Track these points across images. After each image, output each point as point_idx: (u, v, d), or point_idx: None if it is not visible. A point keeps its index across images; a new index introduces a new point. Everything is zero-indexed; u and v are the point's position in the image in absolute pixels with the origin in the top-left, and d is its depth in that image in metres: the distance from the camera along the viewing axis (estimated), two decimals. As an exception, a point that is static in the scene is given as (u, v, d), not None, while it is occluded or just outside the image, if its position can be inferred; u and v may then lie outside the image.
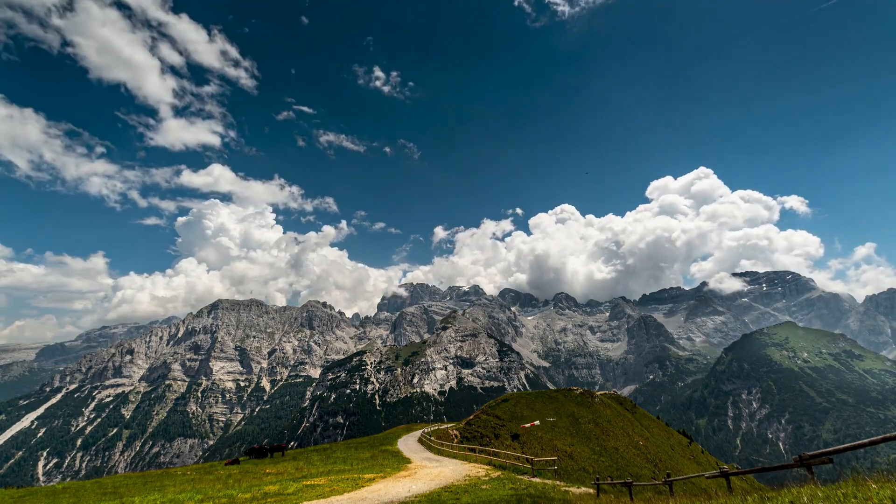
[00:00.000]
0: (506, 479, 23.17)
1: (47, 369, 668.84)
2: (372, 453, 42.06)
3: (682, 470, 73.51)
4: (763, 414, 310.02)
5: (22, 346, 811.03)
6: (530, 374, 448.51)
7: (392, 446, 48.43)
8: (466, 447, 42.51)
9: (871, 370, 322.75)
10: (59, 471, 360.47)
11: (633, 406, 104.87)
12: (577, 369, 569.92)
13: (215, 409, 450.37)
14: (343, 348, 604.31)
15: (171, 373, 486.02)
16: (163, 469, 43.02)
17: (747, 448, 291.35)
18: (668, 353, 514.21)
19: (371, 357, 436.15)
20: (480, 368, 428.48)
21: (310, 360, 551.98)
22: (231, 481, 28.13)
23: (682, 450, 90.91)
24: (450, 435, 53.76)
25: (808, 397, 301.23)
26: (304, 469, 32.50)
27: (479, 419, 64.04)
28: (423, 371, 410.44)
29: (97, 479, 36.33)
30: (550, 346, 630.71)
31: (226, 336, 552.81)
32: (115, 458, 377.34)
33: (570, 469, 49.84)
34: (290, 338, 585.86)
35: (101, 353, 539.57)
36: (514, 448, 51.23)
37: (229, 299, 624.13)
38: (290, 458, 46.30)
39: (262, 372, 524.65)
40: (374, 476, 24.80)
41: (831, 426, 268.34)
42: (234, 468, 36.53)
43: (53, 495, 26.59)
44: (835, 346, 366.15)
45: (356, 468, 30.47)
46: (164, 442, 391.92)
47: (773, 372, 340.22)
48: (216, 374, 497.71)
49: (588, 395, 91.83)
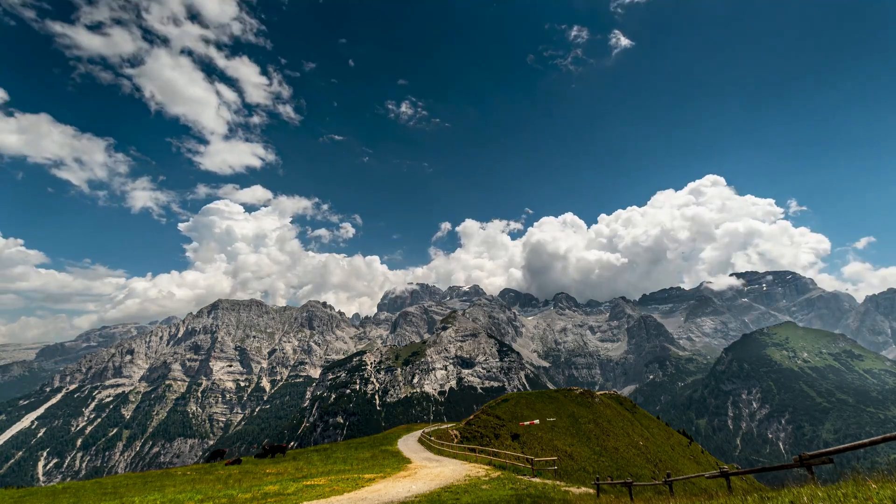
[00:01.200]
0: (506, 479, 23.16)
1: (47, 369, 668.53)
2: (372, 453, 42.05)
3: (682, 470, 73.50)
4: (763, 414, 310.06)
5: (22, 346, 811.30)
6: (530, 374, 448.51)
7: (392, 446, 48.41)
8: (466, 447, 42.50)
9: (871, 370, 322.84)
10: (59, 471, 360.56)
11: (633, 406, 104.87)
12: (577, 369, 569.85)
13: (215, 409, 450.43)
14: (343, 348, 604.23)
15: (171, 373, 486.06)
16: (163, 469, 43.02)
17: (747, 448, 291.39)
18: (668, 353, 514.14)
19: (371, 357, 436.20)
20: (480, 368, 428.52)
21: (310, 360, 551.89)
22: (231, 481, 28.13)
23: (682, 450, 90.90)
24: (450, 435, 53.75)
25: (808, 397, 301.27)
26: (304, 469, 32.50)
27: (479, 419, 64.03)
28: (423, 371, 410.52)
29: (97, 479, 36.32)
30: (550, 346, 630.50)
31: (226, 336, 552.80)
32: (115, 458, 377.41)
33: (570, 469, 49.83)
34: (290, 338, 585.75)
35: (101, 353, 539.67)
36: (514, 448, 51.23)
37: (229, 299, 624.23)
38: (290, 458, 46.29)
39: (262, 372, 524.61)
40: (374, 476, 24.80)
41: (831, 426, 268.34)
42: (234, 468, 36.52)
43: (53, 495, 26.58)
44: (835, 346, 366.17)
45: (356, 468, 30.47)
46: (164, 442, 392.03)
47: (773, 372, 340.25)
48: (216, 374, 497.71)
49: (588, 395, 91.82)
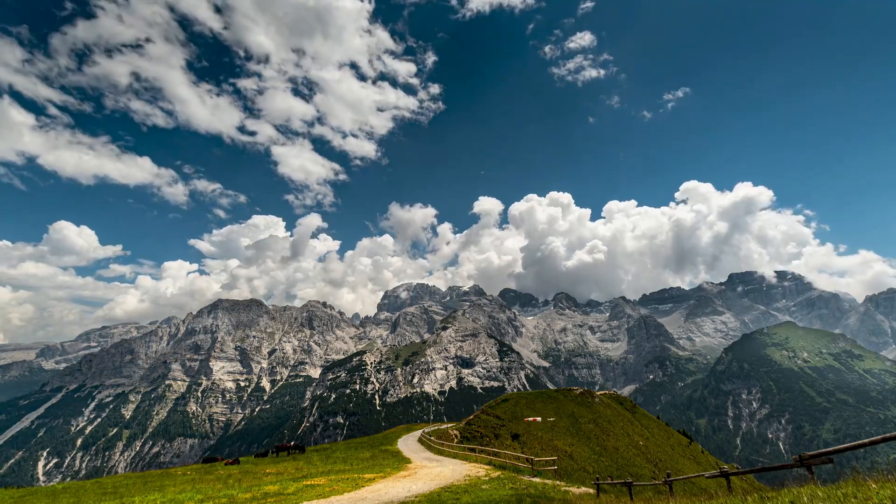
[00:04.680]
0: (506, 479, 23.15)
1: (47, 369, 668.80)
2: (372, 453, 42.07)
3: (682, 470, 73.50)
4: (763, 414, 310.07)
5: (22, 346, 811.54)
6: (530, 374, 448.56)
7: (392, 446, 48.44)
8: (466, 447, 42.49)
9: (871, 370, 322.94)
10: (59, 471, 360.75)
11: (633, 406, 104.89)
12: (577, 369, 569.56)
13: (215, 409, 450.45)
14: (343, 348, 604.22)
15: (171, 373, 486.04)
16: (163, 469, 43.03)
17: (747, 448, 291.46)
18: (668, 353, 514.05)
19: (371, 357, 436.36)
20: (480, 368, 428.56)
21: (310, 360, 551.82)
22: (231, 481, 28.14)
23: (682, 450, 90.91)
24: (450, 435, 53.75)
25: (808, 397, 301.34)
26: (304, 469, 32.52)
27: (479, 419, 64.04)
28: (423, 371, 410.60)
29: (97, 479, 36.33)
30: (550, 346, 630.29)
31: (226, 336, 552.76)
32: (115, 458, 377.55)
33: (570, 469, 49.83)
34: (290, 338, 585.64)
35: (102, 353, 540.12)
36: (514, 448, 51.22)
37: (229, 299, 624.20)
38: (291, 458, 46.37)
39: (262, 372, 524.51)
40: (374, 476, 24.80)
41: (831, 426, 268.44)
42: (234, 468, 36.53)
43: (53, 495, 26.59)
44: (835, 345, 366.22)
45: (356, 468, 30.47)
46: (165, 442, 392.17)
47: (773, 372, 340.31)
48: (216, 373, 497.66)
49: (588, 395, 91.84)
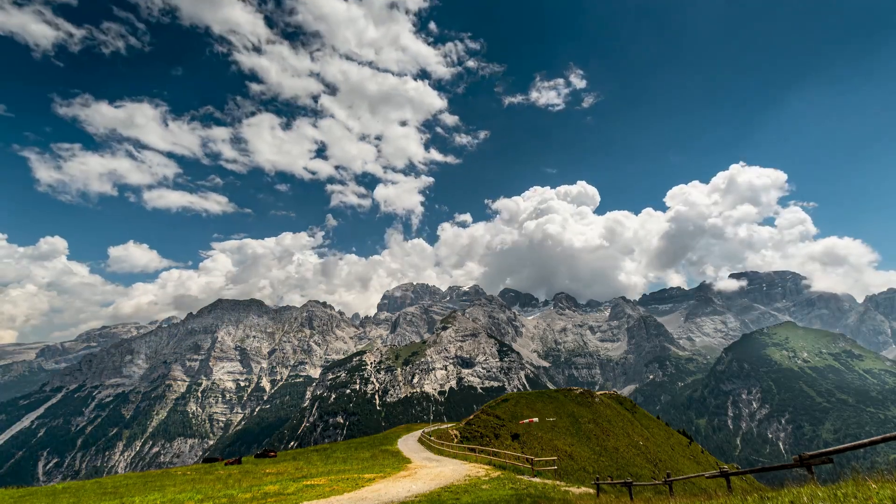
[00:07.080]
0: (506, 479, 23.14)
1: (47, 369, 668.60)
2: (372, 453, 42.06)
3: (682, 470, 73.51)
4: (763, 414, 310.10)
5: (22, 346, 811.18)
6: (530, 374, 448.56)
7: (392, 446, 48.42)
8: (466, 447, 42.49)
9: (871, 370, 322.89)
10: (59, 471, 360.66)
11: (633, 406, 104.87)
12: (577, 369, 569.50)
13: (215, 409, 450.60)
14: (343, 348, 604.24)
15: (171, 373, 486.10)
16: (163, 469, 43.03)
17: (747, 448, 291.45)
18: (668, 353, 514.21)
19: (371, 357, 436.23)
20: (480, 368, 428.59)
21: (310, 360, 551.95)
22: (231, 481, 28.12)
23: (682, 450, 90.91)
24: (450, 435, 53.78)
25: (808, 397, 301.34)
26: (304, 469, 32.50)
27: (479, 419, 64.06)
28: (423, 371, 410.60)
29: (97, 479, 36.31)
30: (550, 346, 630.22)
31: (226, 336, 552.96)
32: (115, 457, 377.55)
33: (570, 469, 49.84)
34: (290, 338, 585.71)
35: (102, 353, 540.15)
36: (514, 448, 51.23)
37: (229, 299, 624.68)
38: (290, 458, 46.30)
39: (262, 372, 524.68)
40: (374, 476, 24.80)
41: (831, 426, 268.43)
42: (234, 468, 36.51)
43: (53, 495, 26.57)
44: (835, 345, 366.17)
45: (356, 468, 30.46)
46: (164, 442, 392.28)
47: (773, 372, 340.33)
48: (216, 373, 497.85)
49: (588, 394, 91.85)
